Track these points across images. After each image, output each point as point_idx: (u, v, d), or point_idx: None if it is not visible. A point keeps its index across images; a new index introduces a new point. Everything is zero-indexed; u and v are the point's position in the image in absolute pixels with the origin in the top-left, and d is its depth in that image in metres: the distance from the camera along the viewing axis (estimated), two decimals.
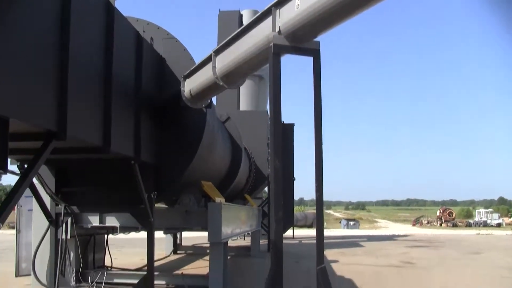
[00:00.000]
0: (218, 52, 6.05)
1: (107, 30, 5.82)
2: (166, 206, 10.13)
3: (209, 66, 6.27)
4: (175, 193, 8.74)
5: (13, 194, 4.12)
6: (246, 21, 16.26)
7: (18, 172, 5.63)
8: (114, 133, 5.80)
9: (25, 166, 5.83)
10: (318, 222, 4.54)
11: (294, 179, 18.21)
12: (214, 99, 11.53)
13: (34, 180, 7.01)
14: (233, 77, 6.05)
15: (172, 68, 7.87)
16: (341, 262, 14.43)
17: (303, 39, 4.71)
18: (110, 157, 6.53)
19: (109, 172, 7.50)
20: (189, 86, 7.03)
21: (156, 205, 8.72)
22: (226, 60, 5.84)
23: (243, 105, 22.37)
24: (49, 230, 7.79)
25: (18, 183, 4.28)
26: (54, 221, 7.41)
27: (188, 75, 7.07)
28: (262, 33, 5.01)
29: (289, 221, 18.09)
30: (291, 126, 20.37)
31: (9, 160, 5.54)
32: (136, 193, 7.05)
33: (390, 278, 11.53)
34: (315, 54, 4.78)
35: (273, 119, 4.42)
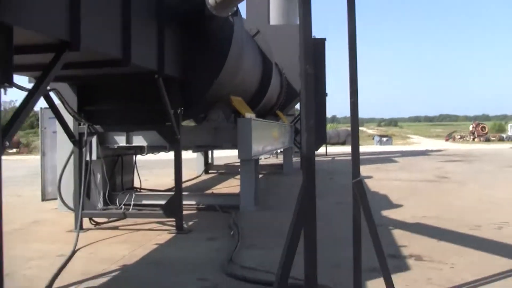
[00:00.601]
0: None
1: None
2: (195, 124, 9.83)
3: None
4: (203, 109, 8.36)
5: (20, 110, 3.76)
6: None
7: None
8: (134, 44, 5.33)
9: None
10: (353, 132, 4.09)
11: (327, 95, 17.85)
12: (243, 14, 10.86)
13: (55, 99, 6.71)
14: None
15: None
16: (376, 177, 14.11)
17: None
18: (133, 71, 6.13)
19: (133, 87, 7.11)
20: None
21: (184, 122, 8.44)
22: None
23: (273, 21, 21.41)
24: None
25: (26, 99, 3.92)
26: (77, 142, 7.14)
27: None
28: None
29: (322, 138, 17.85)
30: (322, 41, 19.66)
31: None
32: (162, 110, 6.69)
33: (425, 192, 11.19)
34: None
35: (303, 19, 3.84)
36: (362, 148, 33.80)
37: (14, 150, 35.96)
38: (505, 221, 7.32)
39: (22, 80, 7.94)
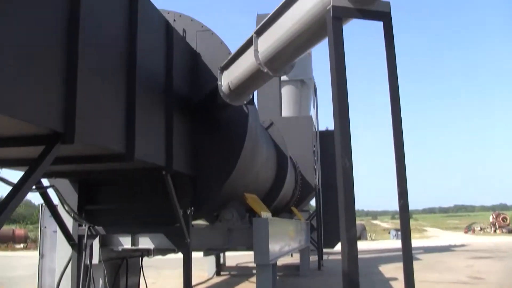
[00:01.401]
0: (260, 32, 4.92)
1: (130, 14, 4.84)
2: (206, 223, 9.07)
3: (250, 52, 5.17)
4: (216, 208, 7.66)
5: (1, 209, 3.13)
6: None
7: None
8: (139, 137, 4.77)
9: None
10: (405, 239, 3.36)
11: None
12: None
13: (54, 197, 6.08)
14: (279, 61, 4.92)
15: (208, 63, 6.84)
16: (400, 279, 12.93)
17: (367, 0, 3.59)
18: (139, 167, 5.55)
19: (139, 185, 6.49)
20: (228, 78, 5.91)
21: (195, 222, 7.72)
22: (270, 40, 4.70)
23: (285, 112, 21.26)
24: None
25: (9, 196, 3.29)
26: (76, 245, 6.41)
27: (226, 66, 5.97)
28: None
29: (337, 236, 16.96)
30: None
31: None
32: (171, 210, 6.01)
33: None
34: (386, 17, 3.63)
35: (338, 107, 3.25)
36: (379, 244, 32.54)
37: (22, 245, 34.94)
38: None
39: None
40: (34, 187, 5.12)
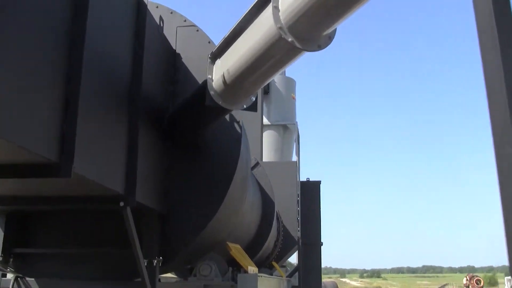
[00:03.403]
0: None
1: None
2: (176, 278, 7.33)
3: (264, 14, 3.50)
4: (191, 259, 5.95)
5: None
6: None
7: None
8: (82, 146, 3.20)
9: None
10: None
11: (322, 244, 16.24)
12: None
13: None
14: (314, 23, 3.19)
15: (190, 67, 5.34)
16: None
17: None
18: (87, 195, 3.96)
19: (90, 224, 4.85)
20: (223, 67, 4.17)
21: (162, 276, 6.05)
22: None
23: (266, 158, 19.90)
24: None
25: None
26: None
27: (220, 51, 4.25)
28: None
29: None
30: (317, 184, 18.44)
31: None
32: (131, 259, 4.36)
33: None
34: None
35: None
36: None
37: None
38: None
39: None
40: None
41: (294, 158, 20.45)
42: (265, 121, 19.89)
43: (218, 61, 4.29)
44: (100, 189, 3.77)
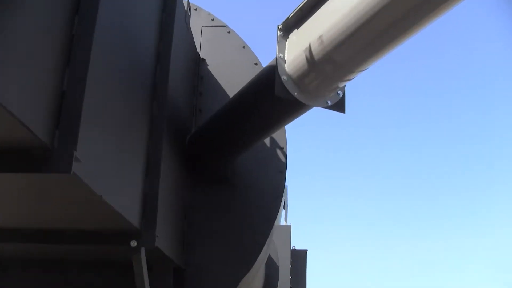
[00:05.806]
0: None
1: None
2: None
3: None
4: None
5: None
6: None
7: None
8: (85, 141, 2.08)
9: None
10: None
11: None
12: None
13: None
14: None
15: (218, 77, 4.26)
16: None
17: None
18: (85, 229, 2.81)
19: (76, 271, 3.59)
20: (310, 36, 2.82)
21: None
22: None
23: None
24: None
25: None
26: None
27: (300, 17, 2.98)
28: None
29: None
30: (303, 253, 17.13)
31: None
32: None
33: None
34: None
35: None
36: None
37: None
38: None
39: None
40: None
41: (282, 222, 19.20)
42: None
43: (293, 34, 3.06)
44: (107, 221, 2.63)
